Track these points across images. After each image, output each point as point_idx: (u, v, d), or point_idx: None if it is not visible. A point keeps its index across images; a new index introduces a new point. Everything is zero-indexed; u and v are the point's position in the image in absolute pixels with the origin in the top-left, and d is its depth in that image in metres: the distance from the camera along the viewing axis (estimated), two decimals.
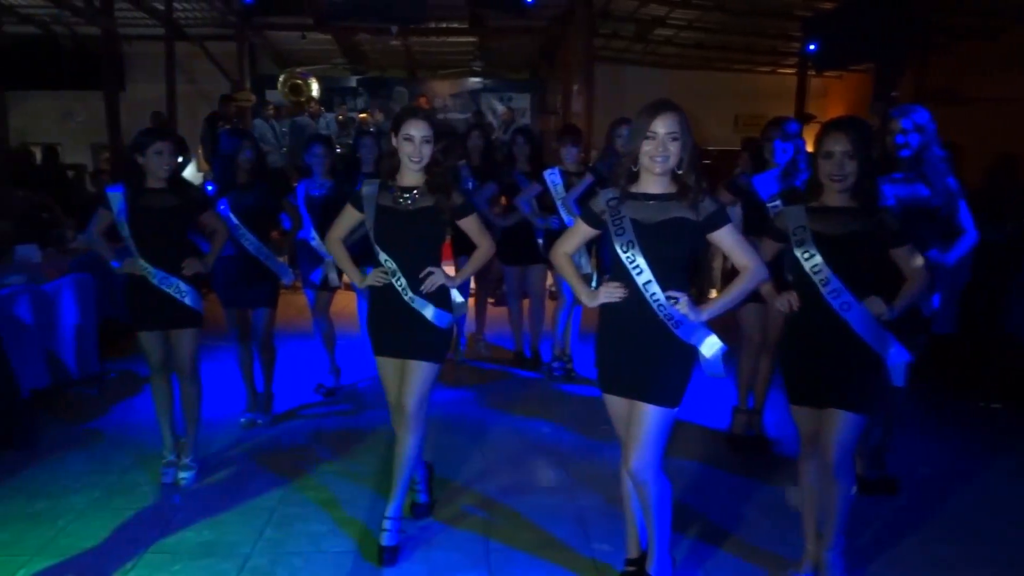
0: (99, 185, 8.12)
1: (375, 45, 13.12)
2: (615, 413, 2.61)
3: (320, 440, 4.22)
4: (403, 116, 2.89)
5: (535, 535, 3.18)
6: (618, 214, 2.47)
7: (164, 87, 11.08)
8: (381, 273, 2.96)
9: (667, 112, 2.40)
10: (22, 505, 3.38)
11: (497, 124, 12.45)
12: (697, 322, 2.46)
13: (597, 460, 3.91)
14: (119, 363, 5.41)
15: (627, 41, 12.19)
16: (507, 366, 5.66)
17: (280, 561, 2.96)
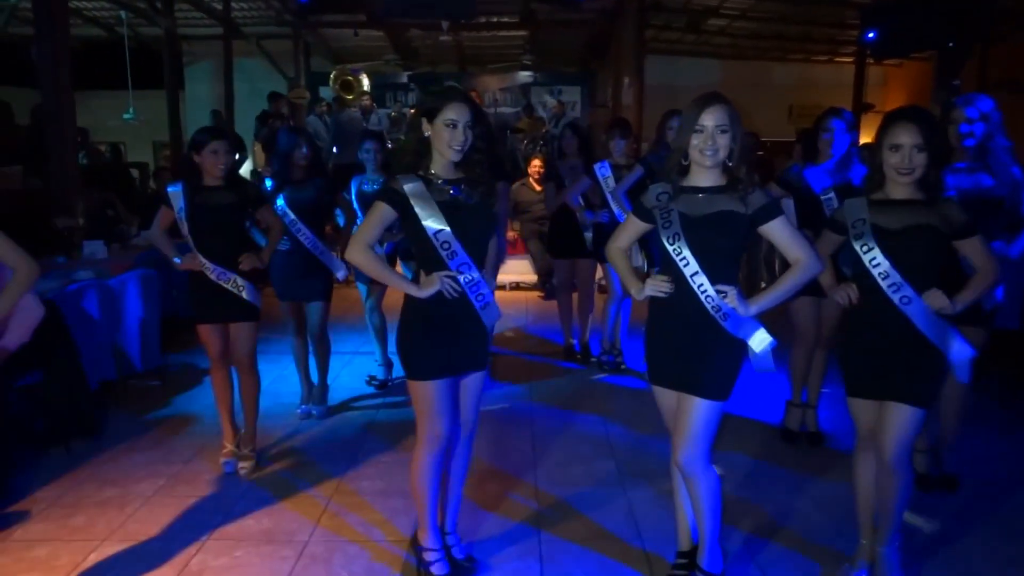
0: (160, 183, 8.39)
1: (426, 41, 13.25)
2: (664, 406, 2.61)
3: (373, 431, 4.30)
4: (443, 99, 2.57)
5: (586, 527, 3.20)
6: (667, 208, 2.46)
7: (222, 86, 11.37)
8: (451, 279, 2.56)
9: (715, 105, 2.38)
10: (92, 492, 3.53)
11: (548, 118, 12.43)
12: (746, 315, 2.44)
13: (647, 453, 3.90)
14: (180, 356, 5.60)
15: (679, 32, 12.05)
16: (556, 359, 5.68)
17: (336, 549, 3.03)
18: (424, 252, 2.58)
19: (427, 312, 2.59)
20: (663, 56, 12.71)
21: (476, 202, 2.60)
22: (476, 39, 13.32)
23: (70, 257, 5.40)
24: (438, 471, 2.69)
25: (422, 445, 2.64)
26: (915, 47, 10.18)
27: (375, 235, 2.60)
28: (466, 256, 2.56)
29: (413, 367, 2.63)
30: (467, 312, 2.62)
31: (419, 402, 2.63)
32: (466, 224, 2.57)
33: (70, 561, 2.94)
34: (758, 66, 13.44)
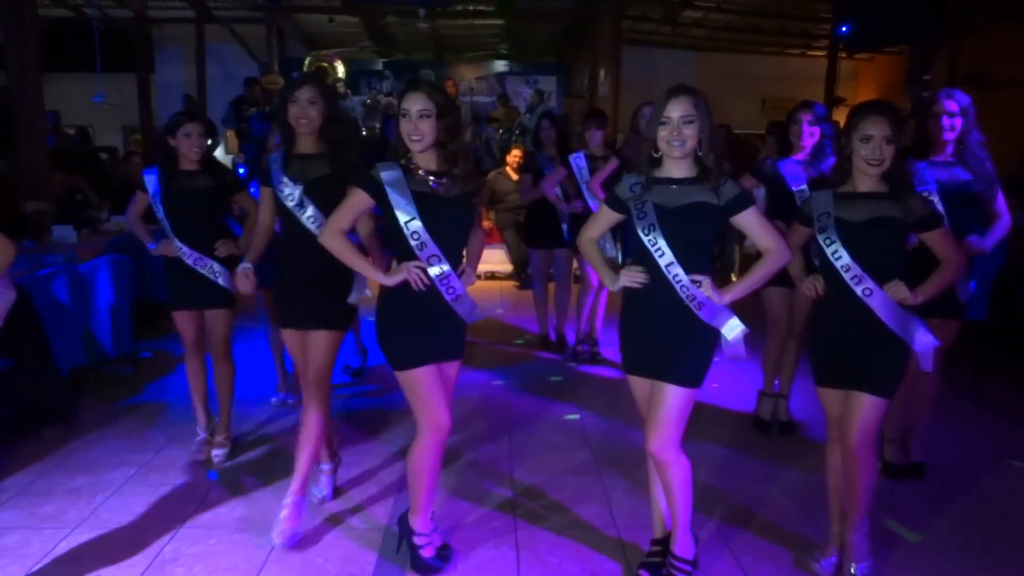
0: (130, 167, 8.25)
1: (402, 28, 13.14)
2: (638, 394, 2.64)
3: (348, 420, 4.29)
4: (403, 89, 2.61)
5: (561, 515, 3.23)
6: (640, 199, 2.49)
7: (193, 70, 11.20)
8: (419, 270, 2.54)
9: (681, 96, 2.42)
10: (63, 480, 3.49)
11: (524, 108, 12.42)
12: (720, 304, 2.48)
13: (622, 442, 3.95)
14: (153, 343, 5.53)
15: (655, 23, 12.08)
16: (532, 349, 5.71)
17: (311, 534, 3.03)
18: (397, 241, 2.59)
19: (401, 301, 2.59)
20: (639, 47, 12.73)
21: (454, 196, 2.59)
22: (452, 27, 13.23)
23: (39, 241, 5.31)
24: (438, 459, 2.71)
25: (424, 435, 2.64)
26: (887, 41, 10.30)
27: (348, 221, 2.62)
28: (436, 248, 2.56)
29: (395, 357, 2.63)
30: (440, 303, 2.61)
31: (411, 392, 2.64)
32: (440, 217, 2.57)
33: (40, 549, 2.91)
34: (732, 58, 13.50)
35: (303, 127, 2.99)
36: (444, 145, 2.56)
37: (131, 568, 2.80)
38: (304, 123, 2.98)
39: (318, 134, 3.03)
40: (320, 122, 3.01)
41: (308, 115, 2.97)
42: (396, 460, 3.73)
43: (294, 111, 2.97)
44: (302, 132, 3.01)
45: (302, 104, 2.97)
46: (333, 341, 3.08)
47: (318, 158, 3.02)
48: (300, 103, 2.97)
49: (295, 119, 2.97)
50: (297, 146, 3.04)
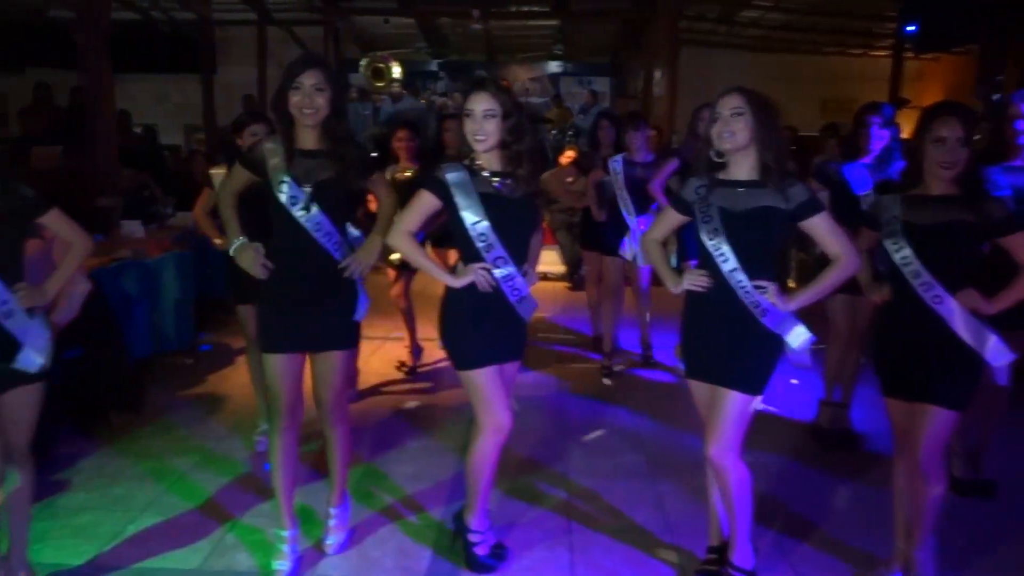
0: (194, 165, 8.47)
1: (456, 29, 13.25)
2: (699, 399, 2.62)
3: (402, 417, 4.34)
4: (467, 89, 2.57)
5: (615, 518, 3.21)
6: (706, 202, 2.46)
7: (252, 70, 11.45)
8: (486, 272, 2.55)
9: (732, 92, 2.42)
10: (131, 464, 3.61)
11: (577, 109, 12.40)
12: (785, 311, 2.44)
13: (677, 447, 3.91)
14: (214, 336, 5.68)
15: (712, 23, 11.94)
16: (585, 350, 5.69)
17: (367, 530, 3.08)
18: (463, 242, 2.60)
19: (466, 302, 2.61)
20: (696, 48, 12.60)
21: (519, 197, 2.60)
22: (506, 28, 13.28)
23: (109, 236, 5.49)
24: (497, 458, 2.72)
25: (485, 434, 2.66)
26: (957, 40, 9.99)
27: (416, 222, 2.63)
28: (503, 250, 2.57)
29: (460, 357, 2.65)
30: (504, 303, 2.63)
31: (473, 393, 2.65)
32: (506, 218, 2.58)
33: (111, 530, 3.02)
34: (790, 59, 13.26)
35: (307, 118, 2.55)
36: (508, 146, 2.55)
37: (195, 552, 2.89)
38: (309, 113, 2.54)
39: (321, 128, 2.60)
40: (327, 113, 2.58)
41: (314, 104, 2.53)
42: (448, 457, 3.76)
43: (296, 99, 2.53)
44: (305, 124, 2.57)
45: (307, 91, 2.52)
46: (352, 359, 2.95)
47: (324, 156, 2.60)
48: (304, 90, 2.52)
49: (297, 108, 2.53)
50: (297, 140, 2.60)
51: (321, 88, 2.53)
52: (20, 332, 2.36)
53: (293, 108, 2.54)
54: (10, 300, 2.34)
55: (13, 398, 2.41)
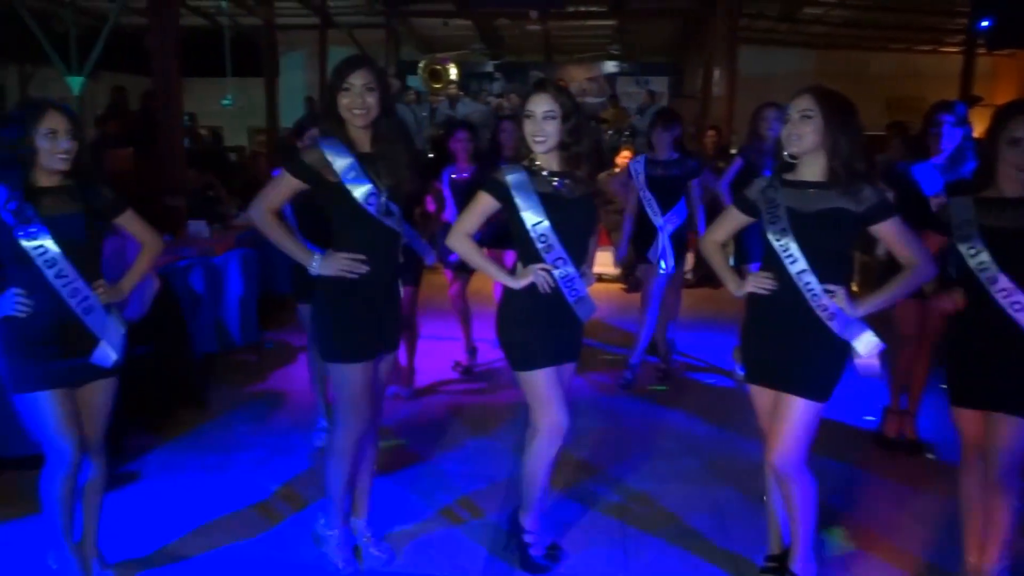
0: (257, 166, 8.70)
1: (513, 30, 13.30)
2: (760, 405, 2.57)
3: (458, 416, 4.38)
4: (529, 91, 2.59)
5: (671, 522, 3.18)
6: (773, 202, 2.42)
7: (312, 73, 11.69)
8: (546, 273, 2.56)
9: (801, 94, 2.36)
10: (197, 457, 3.73)
11: (634, 109, 12.31)
12: (854, 317, 2.38)
13: (733, 451, 3.85)
14: (275, 333, 5.81)
15: (772, 21, 11.73)
16: None
17: (422, 527, 3.12)
18: (523, 243, 2.60)
19: (525, 303, 2.62)
20: (755, 46, 12.39)
21: (578, 197, 2.60)
22: (563, 28, 13.28)
23: (176, 235, 5.67)
24: (554, 459, 2.72)
25: (543, 435, 2.65)
26: None
27: (476, 224, 2.65)
28: (563, 251, 2.57)
29: (518, 357, 2.66)
30: (562, 304, 2.63)
31: (531, 393, 2.66)
32: (566, 219, 2.58)
33: (177, 520, 3.11)
34: (855, 56, 12.94)
35: (358, 119, 2.50)
36: (568, 147, 2.55)
37: (259, 544, 2.97)
38: (360, 114, 2.49)
39: (372, 128, 2.56)
40: (377, 113, 2.53)
41: (365, 103, 2.48)
42: (503, 457, 3.78)
43: (346, 100, 2.48)
44: (356, 125, 2.52)
45: (357, 91, 2.47)
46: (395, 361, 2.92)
47: (376, 157, 2.56)
48: (355, 90, 2.47)
49: (348, 109, 2.48)
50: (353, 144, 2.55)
51: (371, 88, 2.49)
52: (98, 328, 2.46)
53: (343, 110, 2.50)
54: (90, 296, 2.44)
55: (90, 391, 2.52)
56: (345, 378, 2.61)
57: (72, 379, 2.46)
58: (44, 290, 2.37)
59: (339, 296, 2.58)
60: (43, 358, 2.40)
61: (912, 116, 4.20)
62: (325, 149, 2.50)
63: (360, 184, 2.49)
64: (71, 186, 2.43)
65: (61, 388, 2.42)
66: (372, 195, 2.51)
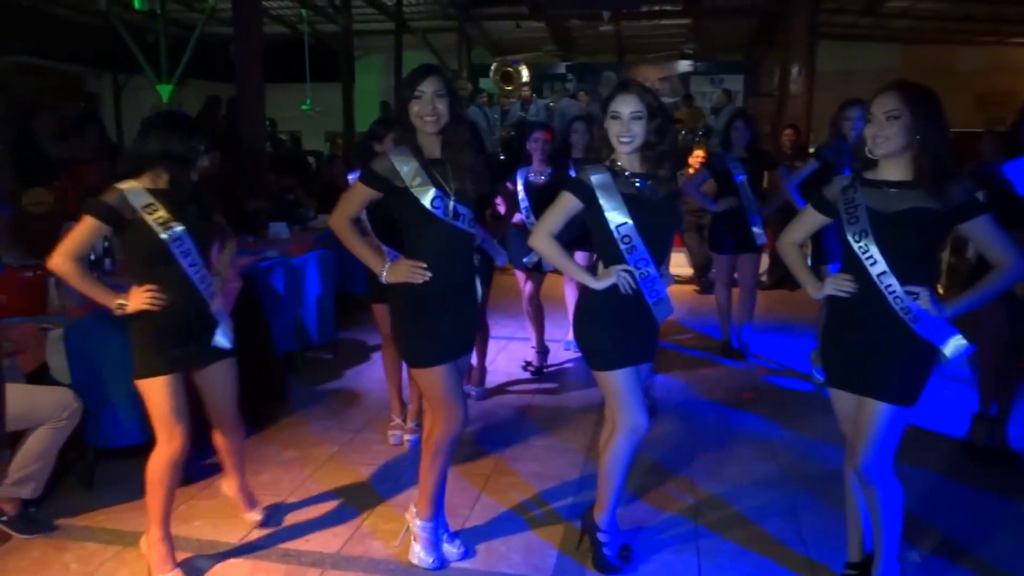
0: (334, 170, 8.93)
1: (585, 31, 13.27)
2: (841, 409, 2.50)
3: (529, 416, 4.40)
4: (613, 91, 2.57)
5: (745, 527, 3.13)
6: (852, 202, 2.36)
7: (386, 78, 11.92)
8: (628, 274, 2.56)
9: (886, 92, 2.28)
10: (276, 452, 3.86)
11: (709, 108, 12.12)
12: (940, 319, 2.29)
13: (811, 456, 3.76)
14: (350, 332, 5.96)
15: (854, 16, 11.36)
16: (713, 355, 5.56)
17: (495, 525, 3.15)
18: (604, 244, 2.60)
19: (605, 303, 2.61)
20: (835, 41, 12.03)
21: (660, 197, 2.59)
22: (637, 28, 13.17)
23: (258, 236, 5.88)
24: (631, 460, 2.72)
25: (622, 434, 2.65)
26: None
27: (559, 224, 2.64)
28: (645, 251, 2.56)
29: (598, 357, 2.66)
30: (641, 305, 2.62)
31: (610, 394, 2.66)
32: (648, 219, 2.56)
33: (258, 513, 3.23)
34: (942, 50, 12.43)
35: (429, 125, 2.55)
36: (653, 146, 2.54)
37: (335, 537, 3.05)
38: (431, 120, 2.54)
39: (442, 135, 2.61)
40: (447, 119, 2.58)
41: (436, 110, 2.54)
42: (575, 456, 3.78)
43: (417, 108, 2.54)
44: (427, 132, 2.57)
45: (428, 98, 2.53)
46: None
47: (449, 163, 2.62)
48: (426, 97, 2.53)
49: (419, 116, 2.54)
50: (422, 150, 2.61)
51: (442, 95, 2.55)
52: (218, 313, 2.75)
53: (414, 117, 2.55)
54: (213, 283, 2.73)
55: (215, 371, 2.81)
56: (431, 381, 2.67)
57: (199, 362, 2.75)
58: (179, 282, 2.62)
59: (414, 301, 2.63)
60: (170, 345, 2.63)
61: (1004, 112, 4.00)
62: (393, 157, 2.58)
63: (427, 189, 2.55)
64: None
65: (179, 373, 2.67)
66: (439, 199, 2.56)
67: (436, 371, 2.65)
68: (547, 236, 2.64)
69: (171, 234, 2.57)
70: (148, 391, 2.64)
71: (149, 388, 2.63)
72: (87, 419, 3.29)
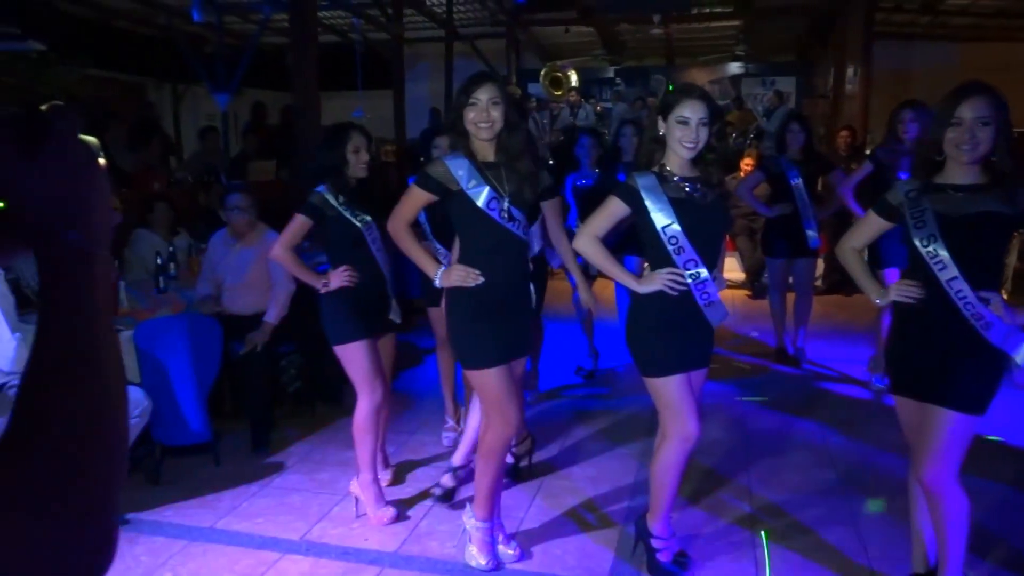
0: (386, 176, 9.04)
1: (635, 35, 13.21)
2: (905, 418, 2.46)
3: (582, 420, 4.40)
4: (677, 96, 2.56)
5: (804, 535, 3.08)
6: (919, 206, 2.31)
7: (433, 84, 12.03)
8: (674, 277, 2.56)
9: (975, 96, 2.21)
10: (335, 451, 3.93)
11: (761, 111, 11.95)
12: (1011, 325, 2.23)
13: (872, 465, 3.69)
14: (404, 335, 6.02)
15: (912, 14, 11.08)
16: (768, 361, 5.49)
17: (550, 528, 3.16)
18: (653, 247, 2.61)
19: (654, 308, 2.61)
20: (891, 40, 11.73)
21: (710, 201, 2.58)
22: (687, 31, 13.07)
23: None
24: (683, 466, 2.71)
25: (673, 442, 2.65)
26: None
27: (605, 228, 2.66)
28: (694, 253, 2.55)
29: (647, 363, 2.66)
30: (692, 309, 2.61)
31: (660, 400, 2.66)
32: (697, 222, 2.56)
33: (318, 511, 3.31)
34: (1005, 48, 11.99)
35: (483, 132, 2.61)
36: (715, 150, 2.55)
37: (393, 536, 3.10)
38: (485, 127, 2.60)
39: (496, 141, 2.66)
40: (501, 126, 2.63)
41: (490, 117, 2.60)
42: (629, 461, 3.78)
43: (472, 115, 2.60)
44: (481, 138, 2.63)
45: (483, 106, 2.59)
46: None
47: (500, 167, 2.66)
48: (481, 105, 2.59)
49: (474, 123, 2.60)
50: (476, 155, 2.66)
51: (496, 102, 2.60)
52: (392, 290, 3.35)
53: (469, 123, 2.61)
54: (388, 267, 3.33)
55: (386, 341, 3.40)
56: (484, 383, 2.71)
57: (379, 330, 3.30)
58: (367, 262, 3.20)
59: (469, 304, 2.68)
60: (361, 316, 3.17)
61: None
62: (448, 161, 2.64)
63: (481, 190, 2.60)
64: None
65: (370, 339, 3.19)
66: (493, 200, 2.61)
67: (490, 373, 2.68)
68: (592, 239, 2.65)
69: (363, 223, 3.16)
70: (347, 355, 3.17)
71: (348, 352, 3.17)
72: (155, 417, 3.40)
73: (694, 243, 2.54)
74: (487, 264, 2.64)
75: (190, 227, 5.40)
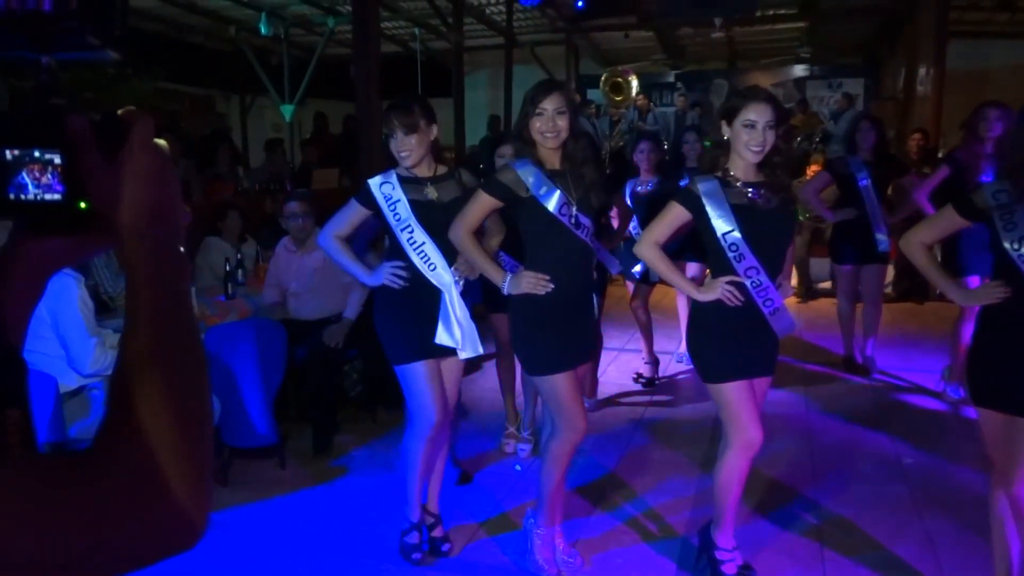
0: None
1: (695, 39, 13.03)
2: (989, 429, 2.35)
3: (642, 428, 4.35)
4: (743, 99, 2.51)
5: (875, 552, 2.98)
6: (1008, 207, 2.22)
7: (493, 91, 12.10)
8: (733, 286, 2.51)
9: None
10: (397, 456, 3.92)
11: (828, 114, 11.67)
12: None
13: (946, 480, 3.56)
14: None
15: (988, 12, 10.67)
16: (834, 369, 5.33)
17: (610, 537, 3.13)
18: (714, 253, 2.57)
19: (716, 314, 2.57)
20: (965, 39, 11.32)
21: (774, 207, 2.53)
22: (749, 33, 12.82)
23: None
24: (746, 476, 2.67)
25: (735, 450, 2.61)
26: None
27: (666, 234, 2.64)
28: (755, 260, 2.50)
29: (709, 370, 2.62)
30: (756, 316, 2.56)
31: (723, 407, 2.62)
32: (760, 228, 2.52)
33: (384, 514, 3.32)
34: None
35: (549, 140, 2.61)
36: (781, 153, 2.51)
37: (454, 543, 3.10)
38: (551, 136, 2.60)
39: (562, 149, 2.66)
40: (567, 135, 2.63)
41: (556, 126, 2.59)
42: (690, 471, 3.72)
43: (539, 124, 2.59)
44: (547, 147, 2.63)
45: (549, 115, 2.58)
46: None
47: (567, 176, 2.66)
48: (547, 114, 2.58)
49: (540, 132, 2.60)
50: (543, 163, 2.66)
51: (562, 111, 2.60)
52: None
53: (535, 132, 2.60)
54: None
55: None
56: (551, 389, 2.70)
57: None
58: None
59: (535, 310, 2.67)
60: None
61: None
62: (517, 168, 2.62)
63: (552, 195, 2.59)
64: None
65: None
66: (564, 204, 2.60)
67: (557, 379, 2.67)
68: (653, 246, 2.63)
69: None
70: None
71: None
72: (222, 420, 3.50)
73: (755, 250, 2.49)
74: (555, 270, 2.63)
75: (256, 235, 5.55)
